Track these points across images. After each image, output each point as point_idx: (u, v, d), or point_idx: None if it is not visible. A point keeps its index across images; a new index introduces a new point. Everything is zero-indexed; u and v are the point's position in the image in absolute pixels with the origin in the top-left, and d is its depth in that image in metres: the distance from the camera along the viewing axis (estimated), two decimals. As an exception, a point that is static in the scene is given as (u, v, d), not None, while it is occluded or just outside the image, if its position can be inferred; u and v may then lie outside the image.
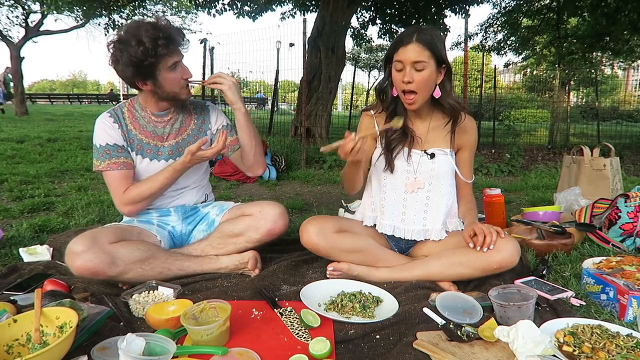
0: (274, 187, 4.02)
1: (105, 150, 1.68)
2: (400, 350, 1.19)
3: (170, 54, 1.59)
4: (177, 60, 1.63)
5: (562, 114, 9.16)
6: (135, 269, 1.55)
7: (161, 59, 1.57)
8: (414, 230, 1.72)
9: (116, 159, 1.69)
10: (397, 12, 8.25)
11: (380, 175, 1.74)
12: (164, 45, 1.55)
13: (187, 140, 1.80)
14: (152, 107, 1.75)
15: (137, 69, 1.56)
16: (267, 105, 12.25)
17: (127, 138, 1.72)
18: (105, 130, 1.69)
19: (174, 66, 1.62)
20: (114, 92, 29.77)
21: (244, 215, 1.80)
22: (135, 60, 1.54)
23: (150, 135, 1.75)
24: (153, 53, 1.53)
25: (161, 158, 1.77)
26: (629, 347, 1.15)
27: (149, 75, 1.60)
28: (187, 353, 1.16)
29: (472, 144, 1.77)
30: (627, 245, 2.10)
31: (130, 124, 1.74)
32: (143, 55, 1.53)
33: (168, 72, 1.61)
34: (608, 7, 7.40)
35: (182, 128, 1.81)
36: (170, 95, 1.68)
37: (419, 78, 1.51)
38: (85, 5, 8.46)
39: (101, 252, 1.47)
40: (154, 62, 1.56)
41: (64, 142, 6.38)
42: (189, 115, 1.84)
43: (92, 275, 1.48)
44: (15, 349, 1.13)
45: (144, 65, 1.55)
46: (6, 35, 12.71)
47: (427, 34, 1.51)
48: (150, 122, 1.76)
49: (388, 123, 1.63)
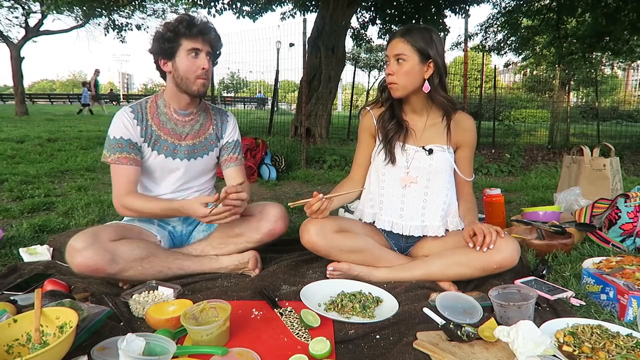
0: (274, 187, 4.02)
1: (118, 144, 1.67)
2: (400, 350, 1.19)
3: (191, 37, 1.63)
4: (198, 47, 1.65)
5: (562, 114, 9.17)
6: (135, 267, 1.55)
7: (179, 38, 1.63)
8: (412, 226, 1.72)
9: (127, 154, 1.67)
10: (397, 12, 8.26)
11: (379, 170, 1.76)
12: (185, 26, 1.62)
13: (204, 144, 1.83)
14: (175, 103, 1.76)
15: (159, 43, 1.65)
16: (267, 105, 12.26)
17: (146, 133, 1.72)
18: (124, 123, 1.68)
19: (194, 52, 1.65)
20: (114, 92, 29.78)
21: (244, 215, 1.80)
22: (159, 35, 1.64)
23: (169, 132, 1.76)
24: (173, 28, 1.62)
25: (176, 156, 1.77)
26: (629, 347, 1.15)
27: (168, 53, 1.65)
28: (187, 353, 1.16)
29: (471, 143, 1.78)
30: (627, 245, 2.10)
31: (150, 119, 1.74)
32: (165, 29, 1.63)
33: (186, 56, 1.64)
34: (608, 7, 7.40)
35: (201, 131, 1.82)
36: (184, 82, 1.67)
37: (399, 69, 1.61)
38: (85, 5, 8.46)
39: (102, 250, 1.47)
40: (171, 37, 1.62)
41: (64, 142, 6.38)
42: (209, 121, 1.86)
43: (92, 272, 1.48)
44: (15, 349, 1.13)
45: (164, 38, 1.63)
46: (6, 36, 12.70)
47: (414, 30, 1.61)
48: (171, 119, 1.76)
49: None
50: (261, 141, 4.45)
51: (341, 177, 2.16)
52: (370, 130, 1.80)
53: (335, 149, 6.23)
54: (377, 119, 1.76)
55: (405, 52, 1.59)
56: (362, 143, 1.84)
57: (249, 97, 18.29)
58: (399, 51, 1.60)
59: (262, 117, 8.92)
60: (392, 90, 1.66)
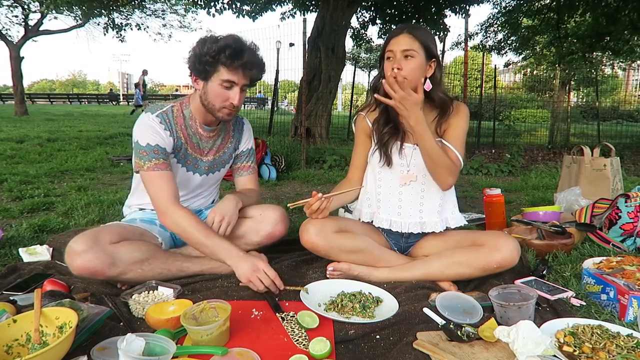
0: (274, 187, 4.02)
1: (154, 150, 1.61)
2: (400, 350, 1.19)
3: (230, 68, 1.56)
4: (234, 80, 1.58)
5: (562, 114, 9.17)
6: (135, 270, 1.54)
7: (218, 65, 1.56)
8: (410, 223, 1.72)
9: (164, 161, 1.63)
10: (397, 12, 8.26)
11: (375, 170, 1.76)
12: (229, 55, 1.54)
13: (223, 158, 1.85)
14: (201, 118, 1.72)
15: (196, 60, 1.58)
16: (267, 105, 12.25)
17: (176, 145, 1.68)
18: (156, 130, 1.63)
19: (229, 84, 1.59)
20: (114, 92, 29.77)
21: (244, 217, 1.80)
22: (198, 52, 1.57)
23: (194, 147, 1.75)
24: (213, 53, 1.54)
25: (196, 171, 1.79)
26: (629, 347, 1.15)
27: (203, 74, 1.60)
28: (187, 353, 1.16)
29: (459, 124, 1.68)
30: (628, 245, 2.10)
31: (179, 131, 1.70)
32: (206, 50, 1.55)
33: (219, 85, 1.59)
34: (608, 7, 7.40)
35: (221, 145, 1.83)
36: (208, 106, 1.64)
37: (407, 65, 1.55)
38: (84, 4, 8.45)
39: (101, 253, 1.46)
40: (210, 62, 1.55)
41: (64, 142, 6.37)
42: (228, 134, 1.86)
43: (91, 275, 1.47)
44: (15, 349, 1.12)
45: (201, 60, 1.56)
46: (6, 35, 12.69)
47: (418, 28, 1.61)
48: (197, 133, 1.74)
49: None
50: (261, 141, 4.45)
51: (341, 177, 2.17)
52: (366, 131, 1.80)
53: (335, 149, 6.23)
54: (373, 122, 1.75)
55: (414, 48, 1.55)
56: (358, 145, 1.84)
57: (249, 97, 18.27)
58: (408, 46, 1.55)
59: (262, 117, 8.92)
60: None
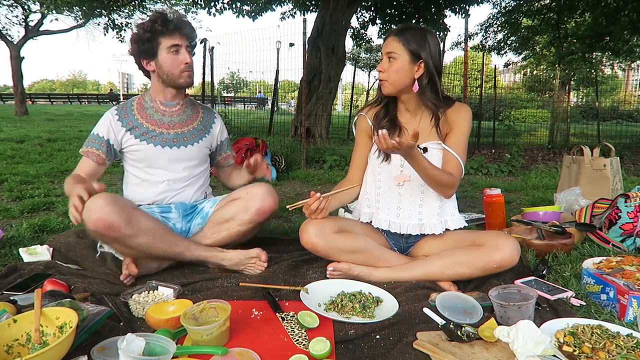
0: (274, 187, 4.01)
1: (93, 139, 1.82)
2: (400, 350, 1.19)
3: (169, 35, 1.72)
4: (177, 43, 1.74)
5: (562, 114, 9.17)
6: (147, 236, 1.60)
7: (159, 36, 1.71)
8: (409, 225, 1.72)
9: (95, 150, 1.80)
10: (397, 12, 8.26)
11: (375, 169, 1.76)
12: (161, 24, 1.70)
13: (192, 133, 1.91)
14: (161, 96, 1.87)
15: (139, 45, 1.74)
16: (267, 105, 12.26)
17: (132, 126, 1.82)
18: (105, 123, 1.82)
19: (175, 49, 1.74)
20: (114, 92, 29.78)
21: (232, 199, 1.85)
22: (136, 36, 1.73)
23: (156, 123, 1.85)
24: (149, 28, 1.70)
25: (165, 145, 1.85)
26: (629, 347, 1.15)
27: (150, 53, 1.75)
28: (187, 353, 1.16)
29: (462, 127, 1.69)
30: (627, 245, 2.10)
31: (137, 114, 1.85)
32: (142, 30, 1.71)
33: (167, 53, 1.74)
34: (608, 7, 7.40)
35: (188, 121, 1.92)
36: (170, 77, 1.78)
37: (390, 67, 1.63)
38: (84, 4, 8.45)
39: (120, 209, 1.53)
40: (150, 37, 1.71)
41: (64, 142, 6.38)
42: (197, 113, 1.97)
43: (106, 229, 1.51)
44: (15, 349, 1.12)
45: (143, 39, 1.71)
46: (6, 35, 12.69)
47: (408, 30, 1.63)
48: (158, 111, 1.87)
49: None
50: (261, 141, 4.45)
51: (341, 177, 2.17)
52: (367, 131, 1.81)
53: (335, 149, 6.23)
54: (372, 118, 1.78)
55: (397, 51, 1.61)
56: (359, 144, 1.85)
57: (249, 97, 18.31)
58: (391, 49, 1.62)
59: (262, 117, 8.92)
60: (382, 86, 1.69)
